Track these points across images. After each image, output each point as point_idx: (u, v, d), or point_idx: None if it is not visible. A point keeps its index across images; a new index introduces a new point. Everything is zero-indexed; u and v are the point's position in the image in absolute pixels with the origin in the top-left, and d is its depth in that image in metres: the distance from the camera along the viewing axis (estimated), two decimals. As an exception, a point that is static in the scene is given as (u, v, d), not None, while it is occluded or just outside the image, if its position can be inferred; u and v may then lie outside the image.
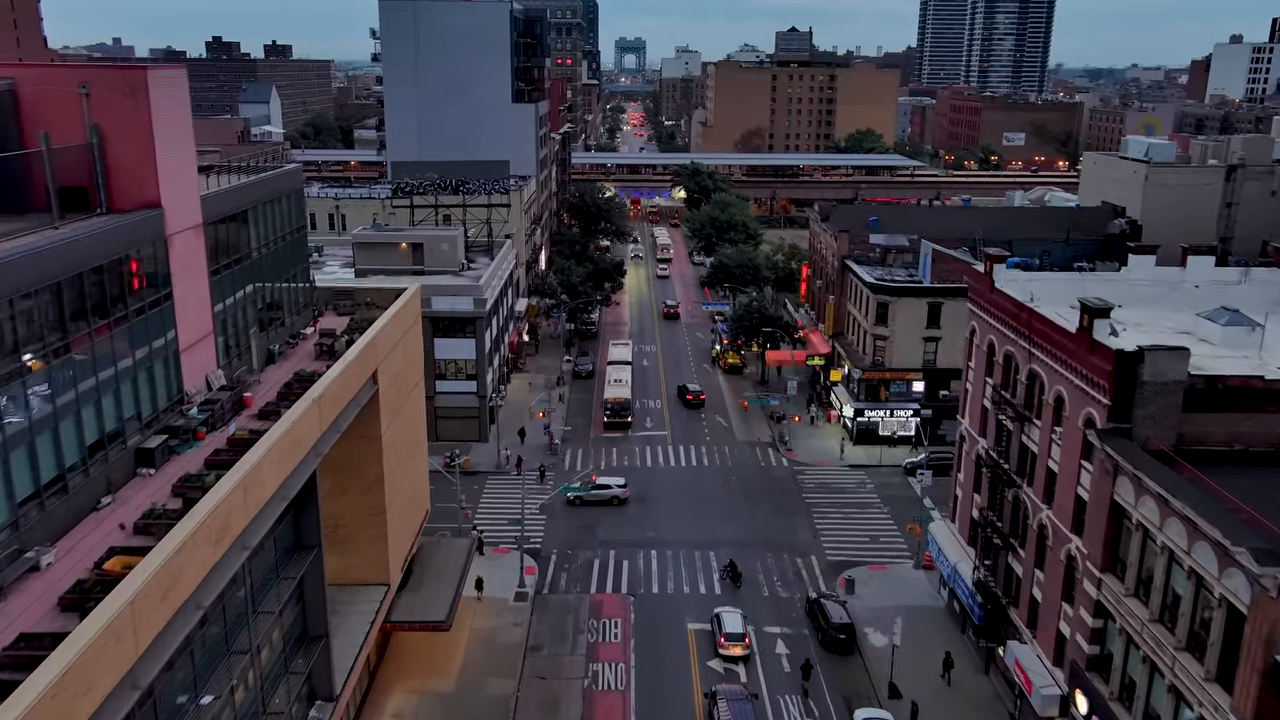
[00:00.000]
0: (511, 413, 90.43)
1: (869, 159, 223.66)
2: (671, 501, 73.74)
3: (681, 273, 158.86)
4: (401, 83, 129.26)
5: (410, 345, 54.09)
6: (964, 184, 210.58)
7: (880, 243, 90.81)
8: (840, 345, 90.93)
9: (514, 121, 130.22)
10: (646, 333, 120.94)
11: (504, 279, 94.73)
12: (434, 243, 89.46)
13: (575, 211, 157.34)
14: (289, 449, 34.11)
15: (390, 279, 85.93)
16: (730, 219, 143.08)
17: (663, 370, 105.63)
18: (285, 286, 48.14)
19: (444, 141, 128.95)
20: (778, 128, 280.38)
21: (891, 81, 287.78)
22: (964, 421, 57.38)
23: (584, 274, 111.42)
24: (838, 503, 73.62)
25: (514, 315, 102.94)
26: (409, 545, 53.67)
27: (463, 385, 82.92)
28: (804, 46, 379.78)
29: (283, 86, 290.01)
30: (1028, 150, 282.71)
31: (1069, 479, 43.29)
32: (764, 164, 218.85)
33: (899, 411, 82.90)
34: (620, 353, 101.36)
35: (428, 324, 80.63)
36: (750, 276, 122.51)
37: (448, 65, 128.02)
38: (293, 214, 49.27)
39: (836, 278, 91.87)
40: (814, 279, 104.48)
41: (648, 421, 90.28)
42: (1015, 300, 49.38)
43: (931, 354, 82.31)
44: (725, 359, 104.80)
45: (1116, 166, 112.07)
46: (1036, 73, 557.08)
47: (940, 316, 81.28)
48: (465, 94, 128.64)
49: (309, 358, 46.14)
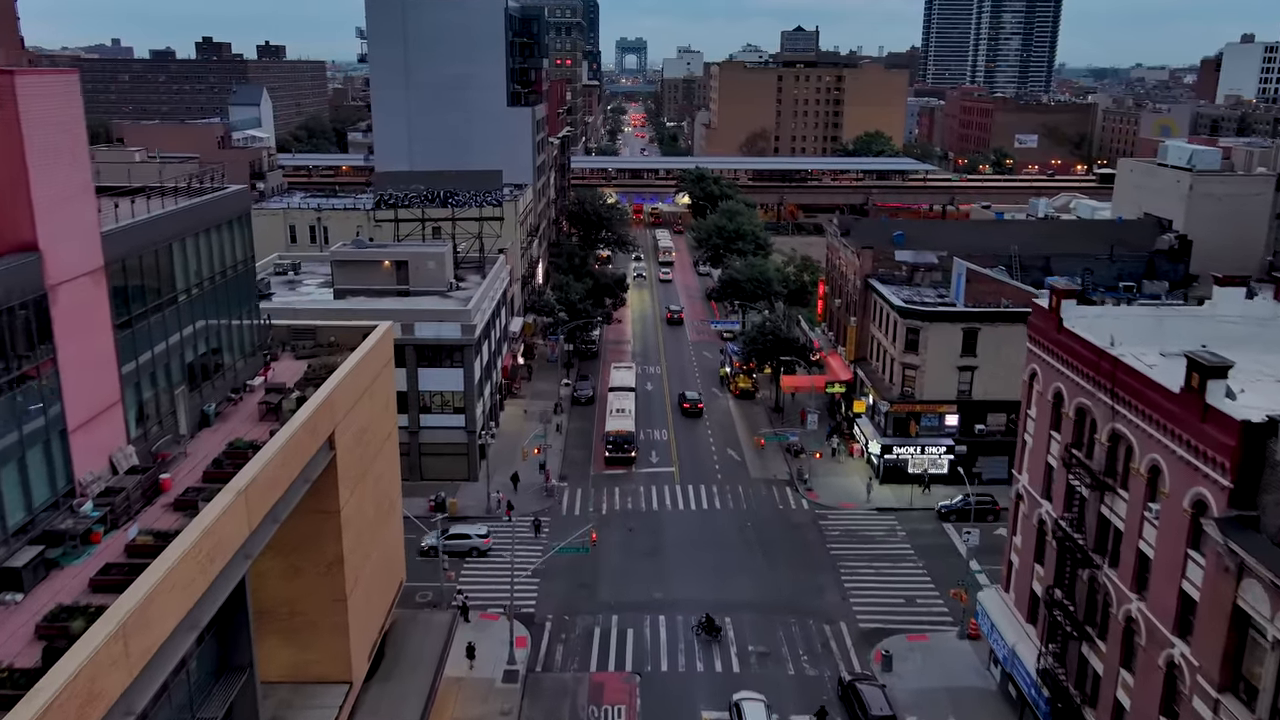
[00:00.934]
0: (505, 445, 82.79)
1: (879, 163, 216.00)
2: (681, 553, 66.08)
3: (686, 284, 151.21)
4: (390, 86, 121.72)
5: (380, 393, 46.45)
6: (979, 189, 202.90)
7: (907, 260, 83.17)
8: (863, 372, 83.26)
9: (509, 126, 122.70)
10: (650, 352, 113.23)
11: (496, 299, 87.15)
12: (419, 260, 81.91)
13: (575, 220, 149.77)
14: (199, 564, 26.49)
15: (371, 300, 78.67)
16: (738, 228, 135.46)
17: (668, 395, 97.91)
18: (226, 331, 40.51)
19: (436, 148, 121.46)
20: (783, 130, 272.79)
21: (900, 82, 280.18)
22: (1021, 478, 49.69)
23: (584, 290, 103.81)
24: (867, 555, 65.94)
25: (508, 337, 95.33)
26: (378, 629, 46.03)
27: (450, 419, 75.29)
28: (810, 46, 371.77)
29: (275, 88, 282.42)
30: (1040, 153, 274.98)
31: (1170, 569, 35.62)
32: (771, 168, 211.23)
33: (931, 449, 75.21)
34: (623, 377, 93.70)
35: (411, 352, 73.30)
36: (761, 291, 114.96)
37: (439, 67, 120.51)
38: (236, 244, 41.64)
39: (859, 298, 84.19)
40: (832, 297, 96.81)
41: (653, 455, 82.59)
42: (1091, 345, 41.70)
43: (966, 385, 74.66)
44: (736, 383, 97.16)
45: (1156, 175, 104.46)
46: (1043, 72, 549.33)
47: (976, 343, 73.64)
48: (458, 97, 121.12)
49: (251, 419, 38.51)
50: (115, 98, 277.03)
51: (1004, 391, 74.40)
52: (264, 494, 31.06)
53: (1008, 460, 75.92)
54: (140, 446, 32.83)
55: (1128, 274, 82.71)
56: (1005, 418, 75.45)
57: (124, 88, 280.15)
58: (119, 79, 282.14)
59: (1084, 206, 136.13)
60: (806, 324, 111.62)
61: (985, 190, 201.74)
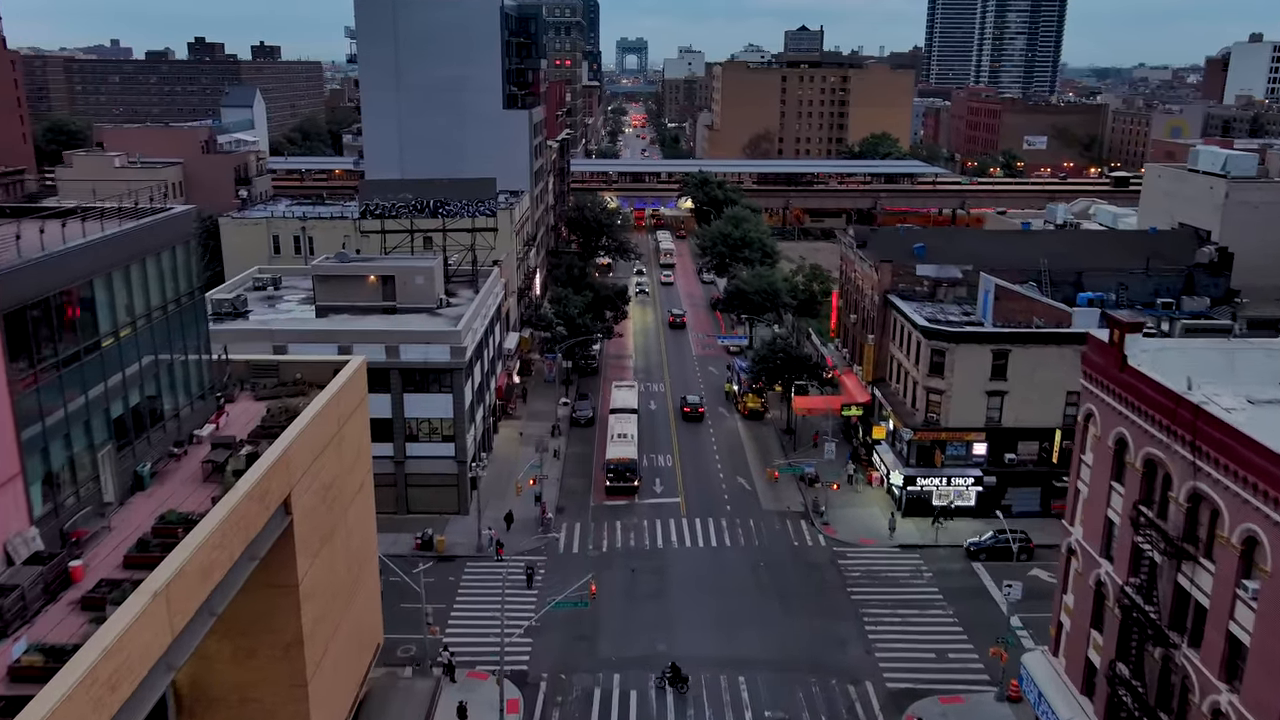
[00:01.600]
0: (499, 472, 77.38)
1: (887, 165, 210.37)
2: (688, 598, 60.63)
3: (690, 292, 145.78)
4: (380, 87, 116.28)
5: (352, 439, 41.08)
6: (990, 193, 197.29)
7: (929, 274, 77.72)
8: (882, 394, 77.81)
9: (505, 130, 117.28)
10: (653, 369, 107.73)
11: (490, 315, 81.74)
12: (407, 275, 76.55)
13: (574, 226, 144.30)
14: (96, 696, 21.07)
15: (355, 319, 73.35)
16: (744, 235, 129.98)
17: (673, 416, 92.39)
18: (168, 374, 35.10)
19: (428, 153, 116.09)
20: (787, 131, 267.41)
21: (906, 83, 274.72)
22: (1074, 531, 44.26)
23: (583, 304, 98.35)
24: (891, 600, 60.45)
25: (503, 354, 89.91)
26: (349, 705, 40.62)
27: (438, 448, 69.82)
28: (814, 46, 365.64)
29: (269, 89, 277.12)
30: (1049, 154, 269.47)
31: (1274, 663, 30.20)
32: (776, 172, 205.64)
33: (957, 480, 69.72)
34: (624, 398, 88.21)
35: (396, 377, 67.92)
36: (769, 303, 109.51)
37: (432, 68, 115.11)
38: (180, 274, 36.21)
39: (877, 315, 78.74)
40: (846, 311, 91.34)
41: (657, 484, 77.14)
42: (1164, 389, 36.25)
43: (996, 410, 69.19)
44: (745, 402, 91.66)
45: (1187, 181, 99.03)
46: (1048, 72, 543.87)
47: (1007, 366, 68.14)
48: (452, 100, 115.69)
49: (194, 480, 33.11)
50: (105, 99, 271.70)
51: (1036, 418, 69.11)
52: (192, 588, 25.65)
53: (1040, 492, 70.75)
54: (48, 526, 27.38)
55: (1165, 289, 77.25)
56: (1038, 446, 70.04)
57: (114, 89, 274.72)
58: (109, 80, 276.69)
59: (1104, 213, 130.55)
60: (817, 338, 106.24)
61: (997, 194, 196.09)
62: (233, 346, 68.55)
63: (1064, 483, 69.61)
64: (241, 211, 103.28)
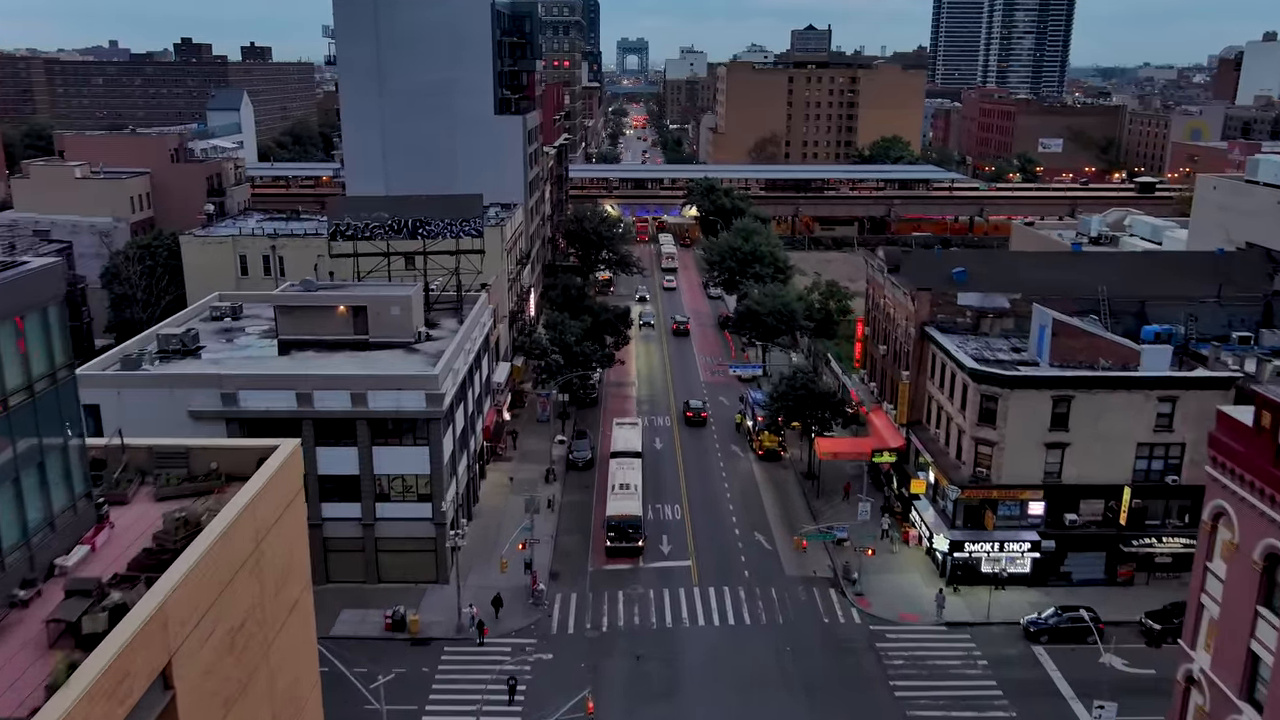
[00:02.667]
0: (484, 527, 68.42)
1: (900, 171, 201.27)
2: (702, 695, 51.56)
3: (696, 309, 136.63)
4: (361, 91, 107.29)
5: (278, 552, 31.96)
6: (1010, 199, 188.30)
7: (972, 304, 68.68)
8: (919, 439, 68.74)
9: (498, 137, 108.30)
10: (658, 398, 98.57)
11: (476, 347, 72.75)
12: (381, 305, 67.64)
13: (573, 238, 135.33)
14: None
15: (320, 358, 64.42)
16: (755, 249, 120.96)
17: (681, 459, 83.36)
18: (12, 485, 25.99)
19: (413, 162, 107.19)
20: (794, 134, 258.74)
21: (917, 83, 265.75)
22: (1197, 658, 35.17)
23: (581, 330, 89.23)
24: (942, 698, 51.34)
25: (491, 389, 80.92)
26: None
27: (413, 508, 60.73)
28: (822, 46, 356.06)
29: (259, 91, 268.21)
30: (1065, 157, 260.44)
31: None
32: (785, 178, 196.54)
33: (1011, 544, 60.62)
34: (627, 438, 79.08)
35: (364, 428, 58.93)
36: (784, 325, 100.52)
37: (417, 70, 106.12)
38: (44, 348, 27.11)
39: (914, 349, 69.66)
40: (874, 341, 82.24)
41: (664, 544, 68.04)
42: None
43: (1055, 465, 60.12)
44: (760, 441, 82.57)
45: (1247, 194, 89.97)
46: (1056, 72, 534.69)
47: (1069, 415, 59.07)
48: (439, 104, 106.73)
49: (33, 649, 23.96)
50: (89, 102, 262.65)
51: (1101, 473, 60.12)
52: None
53: (1104, 557, 61.73)
54: None
55: (1240, 321, 68.16)
56: (1102, 505, 60.96)
57: (98, 92, 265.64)
58: (93, 83, 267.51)
59: (1141, 224, 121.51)
60: (838, 364, 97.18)
61: (1016, 201, 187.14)
62: (177, 395, 60.21)
63: (1132, 547, 60.72)
64: (206, 228, 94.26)
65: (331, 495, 60.24)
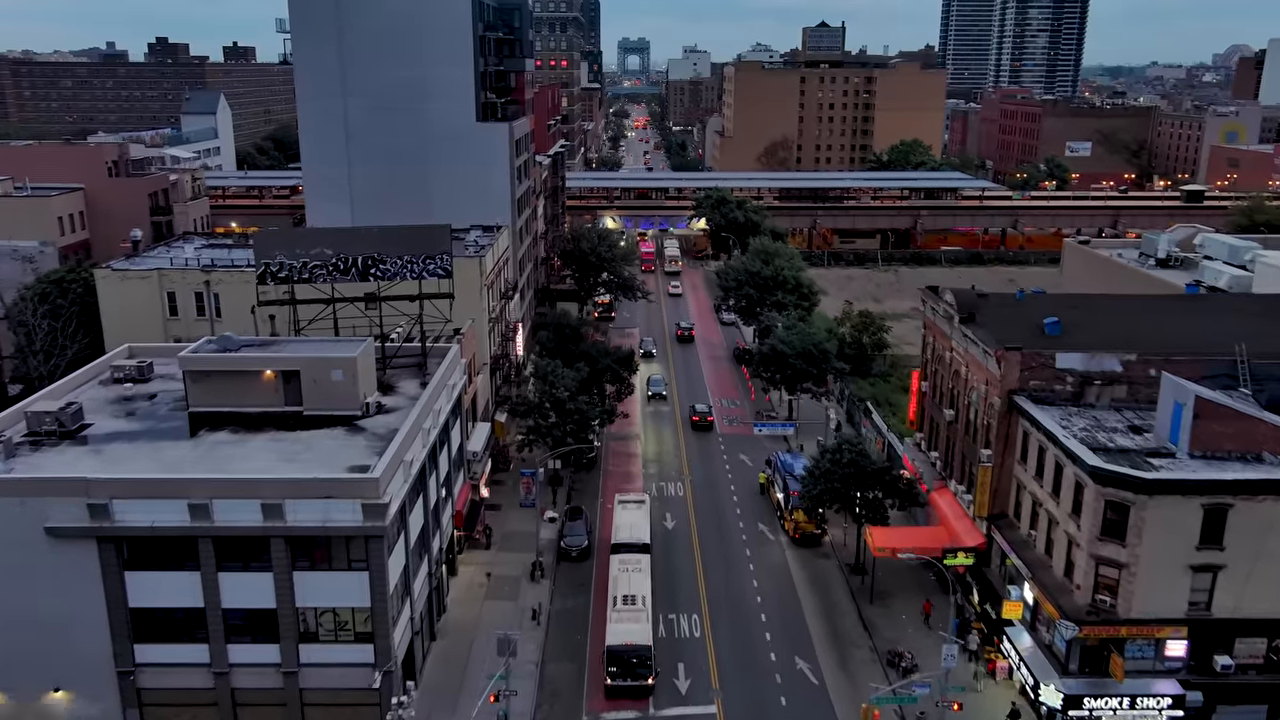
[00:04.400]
0: (449, 658, 53.54)
1: (926, 178, 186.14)
2: None
3: (708, 338, 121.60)
4: (321, 96, 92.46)
5: None
6: (1046, 210, 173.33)
7: (1075, 368, 53.73)
8: (1006, 540, 53.73)
9: (480, 148, 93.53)
10: (667, 458, 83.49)
11: (441, 420, 57.87)
12: (318, 370, 52.96)
13: (568, 259, 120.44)
14: None
15: (235, 443, 49.83)
16: (777, 273, 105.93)
17: (698, 541, 68.35)
18: None
19: (383, 178, 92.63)
20: (806, 138, 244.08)
21: (937, 84, 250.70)
22: None
23: (576, 380, 74.16)
24: None
25: (464, 462, 66.05)
26: None
27: (348, 651, 45.71)
28: (835, 44, 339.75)
29: (241, 94, 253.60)
30: (1093, 162, 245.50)
31: None
32: (801, 186, 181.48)
33: (1145, 699, 45.60)
34: (631, 522, 64.00)
35: (281, 547, 44.08)
36: (816, 368, 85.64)
37: (386, 71, 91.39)
38: None
39: (999, 424, 54.63)
40: (936, 402, 67.17)
41: (680, 676, 52.97)
42: None
43: (1204, 594, 45.19)
44: (794, 521, 67.59)
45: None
46: (1070, 72, 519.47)
47: (1225, 529, 44.13)
48: (411, 111, 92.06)
49: None
50: (58, 106, 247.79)
51: (1264, 604, 45.16)
52: None
53: (1266, 713, 46.58)
54: None
55: None
56: (1265, 645, 46.02)
57: (66, 95, 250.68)
58: (61, 85, 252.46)
59: (1216, 244, 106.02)
60: (880, 418, 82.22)
61: (1054, 212, 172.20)
62: (30, 507, 43.82)
63: (1308, 702, 45.58)
64: (131, 258, 79.30)
65: (242, 634, 45.39)
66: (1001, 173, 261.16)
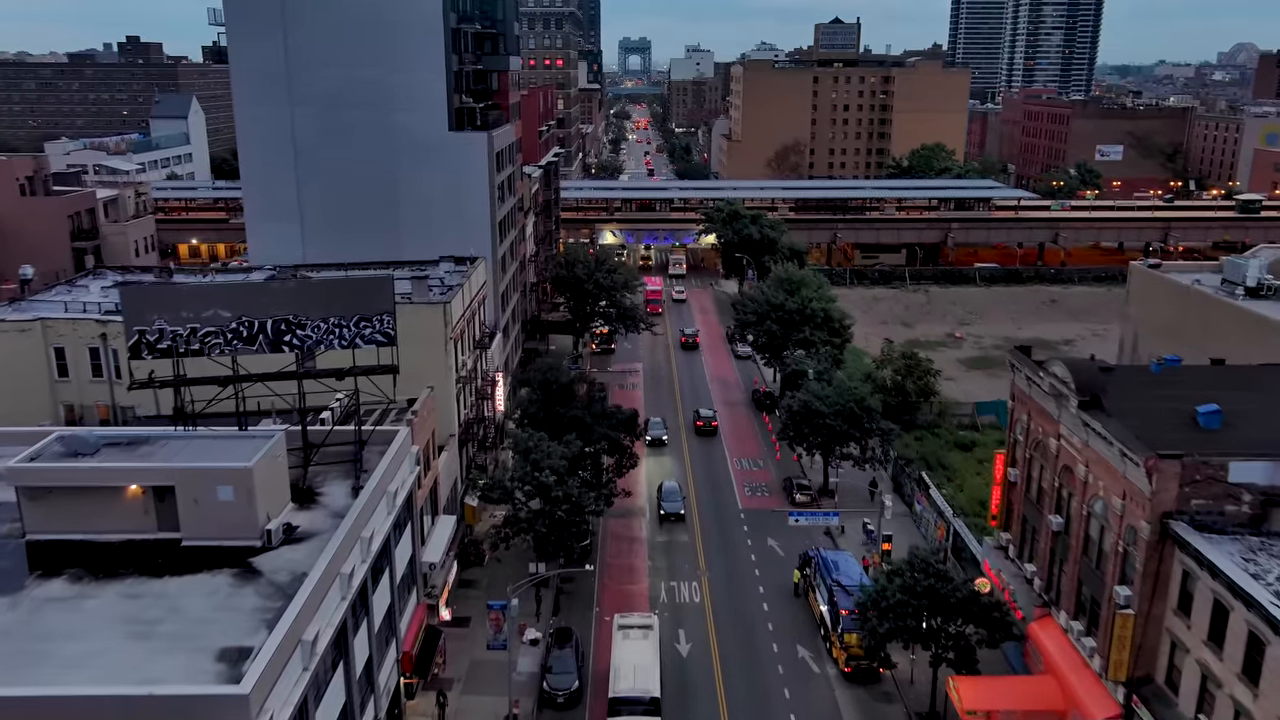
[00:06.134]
0: None
1: (956, 187, 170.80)
2: None
3: (721, 374, 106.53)
4: (263, 101, 77.41)
5: None
6: (1090, 222, 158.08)
7: (1254, 481, 38.55)
8: (1159, 715, 38.54)
9: (454, 163, 78.55)
10: (680, 552, 68.11)
11: (376, 546, 42.69)
12: (199, 485, 38.19)
13: (561, 285, 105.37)
14: None
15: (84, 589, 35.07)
16: (803, 305, 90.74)
17: (721, 679, 53.01)
18: None
19: (339, 200, 77.90)
20: (819, 142, 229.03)
21: (960, 84, 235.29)
22: None
23: (567, 458, 58.88)
24: None
25: (416, 579, 50.91)
26: None
27: None
28: (850, 43, 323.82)
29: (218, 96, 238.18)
30: (1125, 166, 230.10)
31: None
32: (819, 197, 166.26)
33: None
34: (636, 660, 48.92)
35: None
36: (859, 428, 70.62)
37: (341, 71, 76.42)
38: None
39: (1146, 556, 39.40)
40: (1034, 501, 51.86)
41: None
42: None
43: None
44: (846, 648, 52.37)
45: None
46: (1084, 71, 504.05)
47: None
48: (372, 121, 77.13)
49: None
50: (21, 109, 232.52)
51: None
52: None
53: None
54: None
55: None
56: None
57: (29, 97, 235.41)
58: (24, 87, 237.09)
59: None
60: (943, 500, 67.03)
61: (1098, 224, 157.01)
62: None
63: None
64: (13, 304, 64.10)
65: None
66: (1025, 178, 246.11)
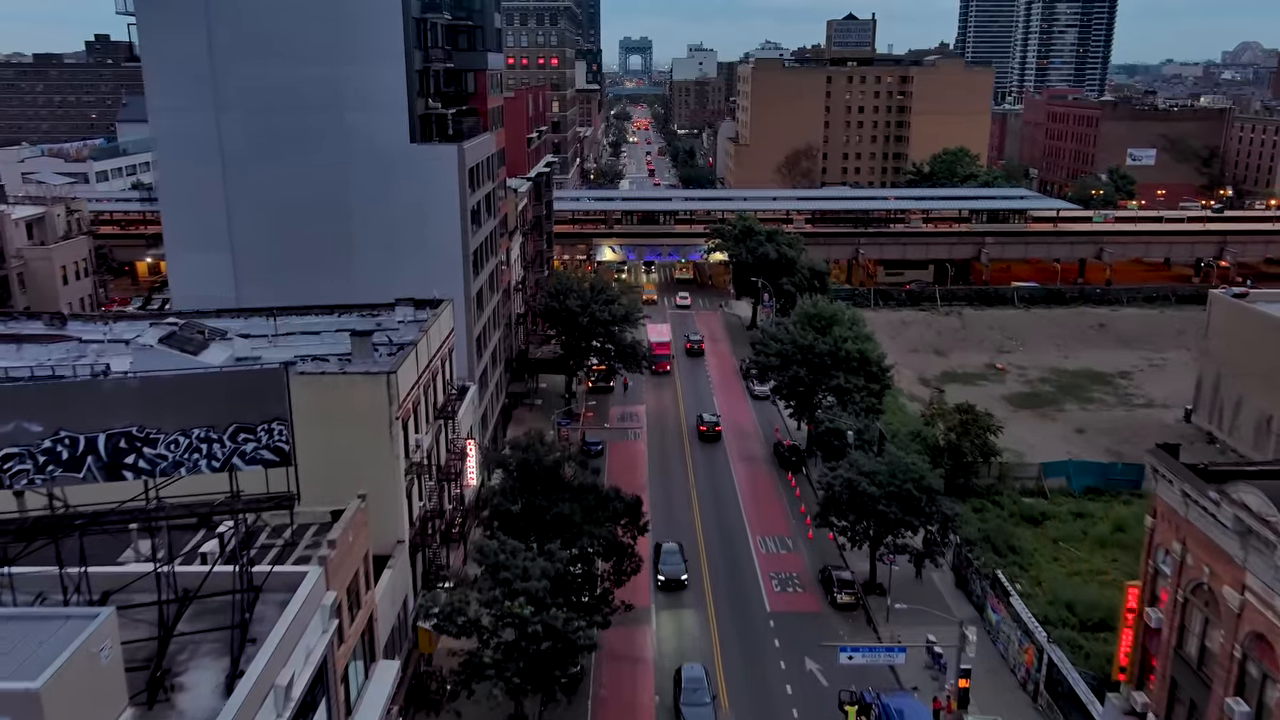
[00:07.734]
0: None
1: (986, 195, 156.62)
2: None
3: (737, 419, 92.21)
4: (184, 106, 63.44)
5: None
6: (1136, 236, 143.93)
7: None
8: None
9: (417, 180, 64.55)
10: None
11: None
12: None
13: (553, 318, 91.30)
14: None
15: None
16: (837, 346, 76.67)
17: None
18: None
19: (279, 228, 63.89)
20: (833, 146, 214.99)
21: (983, 84, 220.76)
22: None
23: (549, 576, 44.84)
24: None
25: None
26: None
27: None
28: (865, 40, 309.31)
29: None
30: (1157, 171, 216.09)
31: None
32: (839, 208, 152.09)
33: None
34: None
35: None
36: (914, 509, 56.61)
37: (277, 69, 62.42)
38: None
39: None
40: (1195, 666, 37.63)
41: None
42: None
43: None
44: None
45: None
46: (1099, 71, 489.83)
47: None
48: (315, 129, 63.19)
49: None
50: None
51: None
52: None
53: None
54: None
55: None
56: None
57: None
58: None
59: None
60: (1025, 610, 52.87)
61: (1146, 238, 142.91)
62: None
63: None
64: None
65: None
66: (1049, 183, 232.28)
